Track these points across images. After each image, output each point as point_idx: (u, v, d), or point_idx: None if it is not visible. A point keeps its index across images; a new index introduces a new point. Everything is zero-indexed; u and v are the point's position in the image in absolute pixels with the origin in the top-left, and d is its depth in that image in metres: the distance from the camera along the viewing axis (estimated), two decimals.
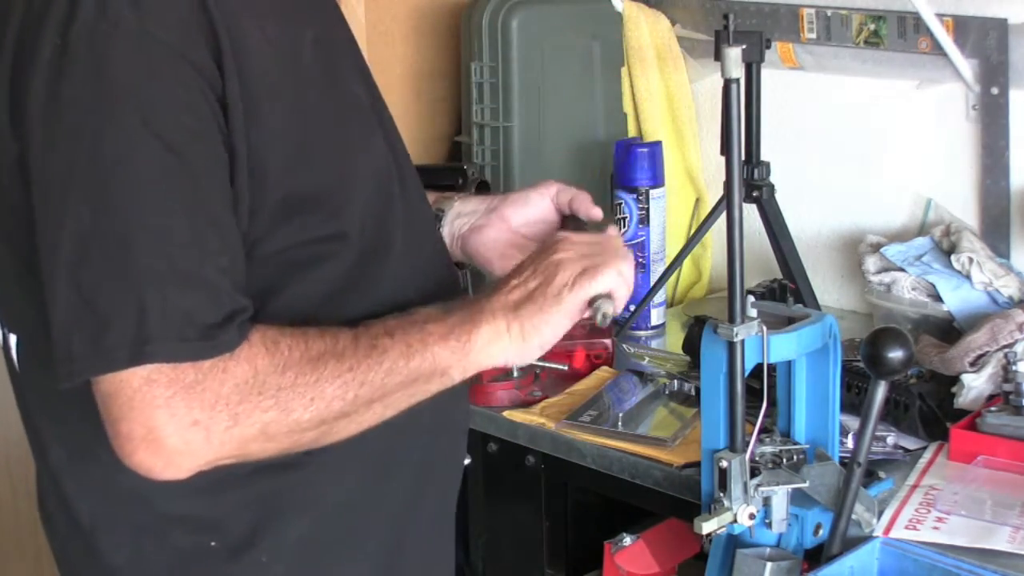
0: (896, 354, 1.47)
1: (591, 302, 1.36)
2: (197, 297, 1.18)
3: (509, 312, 1.34)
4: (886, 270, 2.13)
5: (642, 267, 2.27)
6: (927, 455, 1.79)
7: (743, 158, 1.84)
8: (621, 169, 2.25)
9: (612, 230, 1.51)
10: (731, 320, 1.51)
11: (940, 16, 2.13)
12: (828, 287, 2.41)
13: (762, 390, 1.57)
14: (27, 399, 1.41)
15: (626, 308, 2.26)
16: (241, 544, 1.34)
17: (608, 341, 2.14)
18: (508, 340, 1.33)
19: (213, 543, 1.35)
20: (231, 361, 1.18)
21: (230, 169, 1.23)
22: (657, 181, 2.26)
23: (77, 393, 1.19)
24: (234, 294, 1.21)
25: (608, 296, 1.37)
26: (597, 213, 1.59)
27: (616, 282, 1.38)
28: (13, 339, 1.37)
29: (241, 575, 1.36)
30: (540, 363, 2.08)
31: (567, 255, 1.38)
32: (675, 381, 2.03)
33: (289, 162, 1.27)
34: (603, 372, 2.11)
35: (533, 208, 1.62)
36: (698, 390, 1.77)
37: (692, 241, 2.25)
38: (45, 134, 1.19)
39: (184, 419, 1.16)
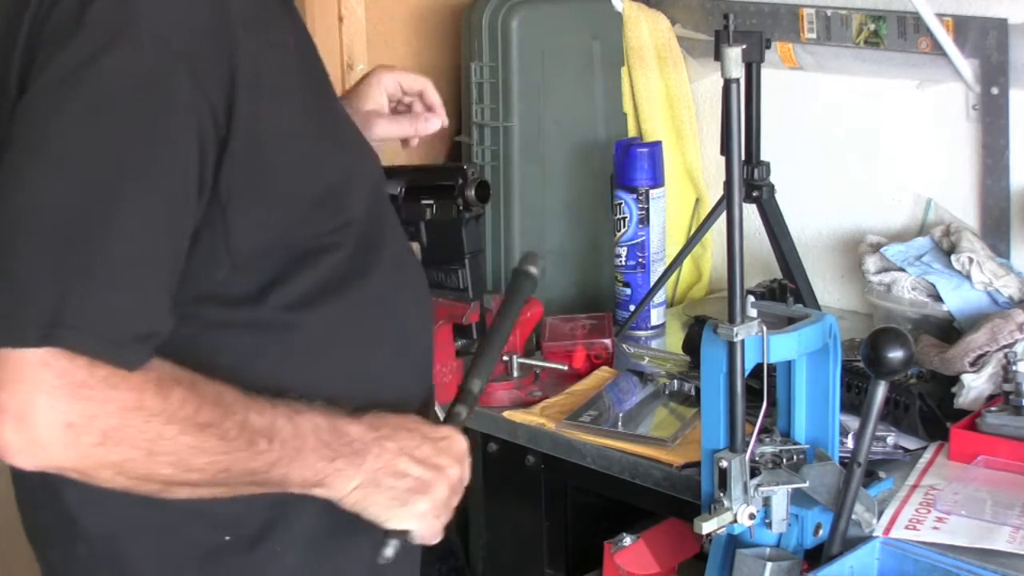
0: (896, 354, 1.48)
1: (398, 532, 1.39)
2: (130, 302, 1.19)
3: (370, 482, 1.36)
4: (886, 270, 2.13)
5: (642, 267, 2.27)
6: (927, 455, 1.80)
7: (743, 158, 1.84)
8: (621, 169, 2.25)
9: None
10: (731, 320, 1.51)
11: (940, 16, 2.13)
12: (828, 287, 2.41)
13: (762, 390, 1.57)
14: None
15: (626, 308, 2.27)
16: (256, 536, 1.37)
17: (608, 341, 2.15)
18: (343, 492, 1.35)
19: (228, 537, 1.37)
20: (123, 382, 1.19)
21: (237, 173, 1.24)
22: (657, 181, 2.26)
23: None
24: (165, 315, 1.22)
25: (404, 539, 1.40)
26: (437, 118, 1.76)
27: (429, 537, 1.42)
28: None
29: (258, 565, 1.38)
30: (540, 363, 2.08)
31: (441, 492, 1.41)
32: (675, 381, 2.03)
33: (303, 161, 1.30)
34: (603, 372, 2.11)
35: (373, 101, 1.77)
36: (698, 390, 1.77)
37: (692, 241, 2.25)
38: (30, 106, 1.20)
39: (60, 415, 1.16)
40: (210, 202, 1.25)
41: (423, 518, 1.39)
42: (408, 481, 1.38)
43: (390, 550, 1.37)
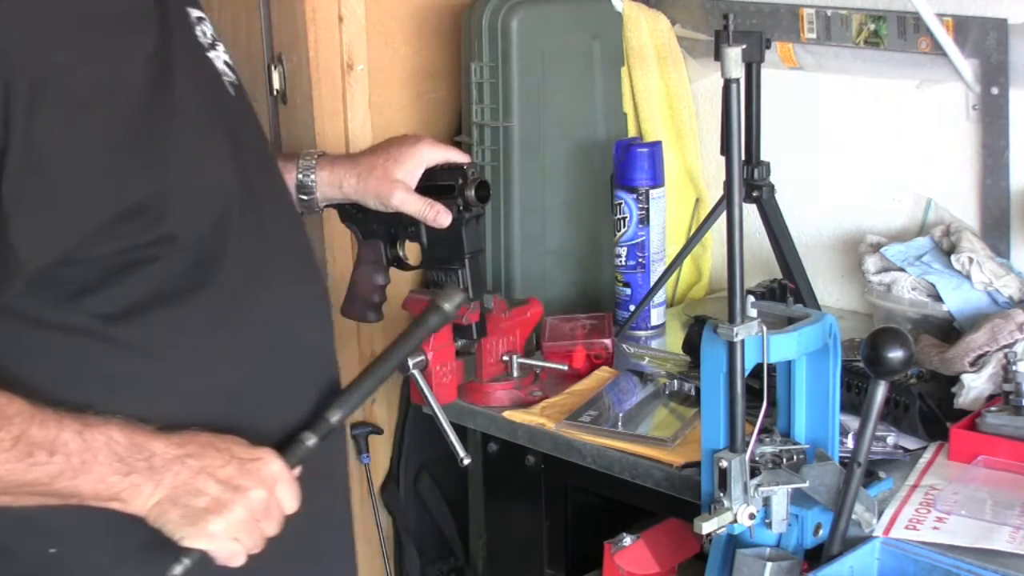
0: (896, 354, 1.47)
1: (190, 550, 1.39)
2: None
3: (168, 499, 1.37)
4: (886, 270, 2.13)
5: (642, 267, 2.27)
6: (927, 455, 1.79)
7: (743, 158, 1.84)
8: (621, 169, 2.25)
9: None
10: (731, 320, 1.51)
11: (940, 16, 2.13)
12: (828, 287, 2.41)
13: (762, 390, 1.57)
14: None
15: (626, 308, 2.27)
16: (83, 548, 1.40)
17: (608, 341, 2.15)
18: (142, 507, 1.36)
19: (52, 550, 1.40)
20: None
21: (17, 185, 1.26)
22: (657, 181, 2.26)
23: None
24: None
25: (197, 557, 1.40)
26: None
27: (226, 559, 1.40)
28: None
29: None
30: (540, 363, 2.08)
31: (239, 513, 1.39)
32: (675, 381, 2.03)
33: (101, 175, 1.31)
34: (603, 372, 2.11)
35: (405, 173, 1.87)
36: (698, 390, 1.77)
37: (692, 241, 2.25)
38: None
39: None
40: None
41: (215, 538, 1.38)
42: (204, 500, 1.38)
43: (178, 568, 1.37)
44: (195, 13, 1.49)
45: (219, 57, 1.51)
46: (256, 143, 1.55)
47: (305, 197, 1.88)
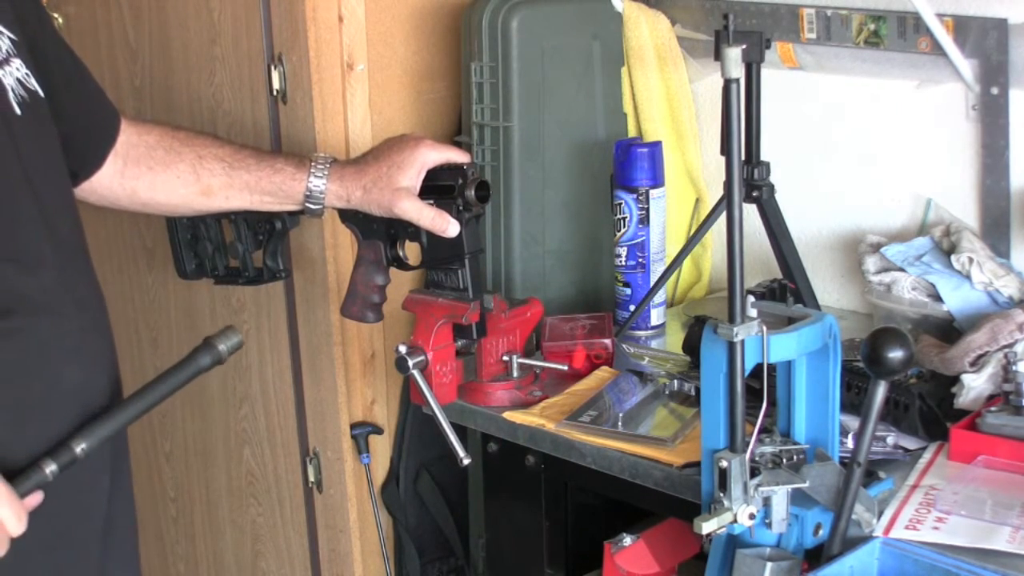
0: (896, 354, 1.47)
1: None
2: None
3: None
4: (886, 270, 2.13)
5: (642, 267, 2.27)
6: (927, 455, 1.79)
7: (743, 158, 1.84)
8: (621, 169, 2.25)
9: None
10: (731, 320, 1.51)
11: (940, 16, 2.13)
12: (828, 287, 2.41)
13: (762, 390, 1.57)
14: None
15: (626, 308, 2.27)
16: None
17: (608, 341, 2.15)
18: None
19: None
20: None
21: None
22: (657, 181, 2.26)
23: None
24: None
25: None
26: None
27: None
28: None
29: None
30: (540, 363, 2.08)
31: None
32: (675, 381, 2.03)
33: None
34: (603, 372, 2.11)
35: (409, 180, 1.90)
36: (698, 390, 1.77)
37: (692, 241, 2.25)
38: None
39: None
40: None
41: None
42: None
43: None
44: None
45: (10, 73, 1.53)
46: (38, 158, 1.56)
47: (312, 206, 1.91)
